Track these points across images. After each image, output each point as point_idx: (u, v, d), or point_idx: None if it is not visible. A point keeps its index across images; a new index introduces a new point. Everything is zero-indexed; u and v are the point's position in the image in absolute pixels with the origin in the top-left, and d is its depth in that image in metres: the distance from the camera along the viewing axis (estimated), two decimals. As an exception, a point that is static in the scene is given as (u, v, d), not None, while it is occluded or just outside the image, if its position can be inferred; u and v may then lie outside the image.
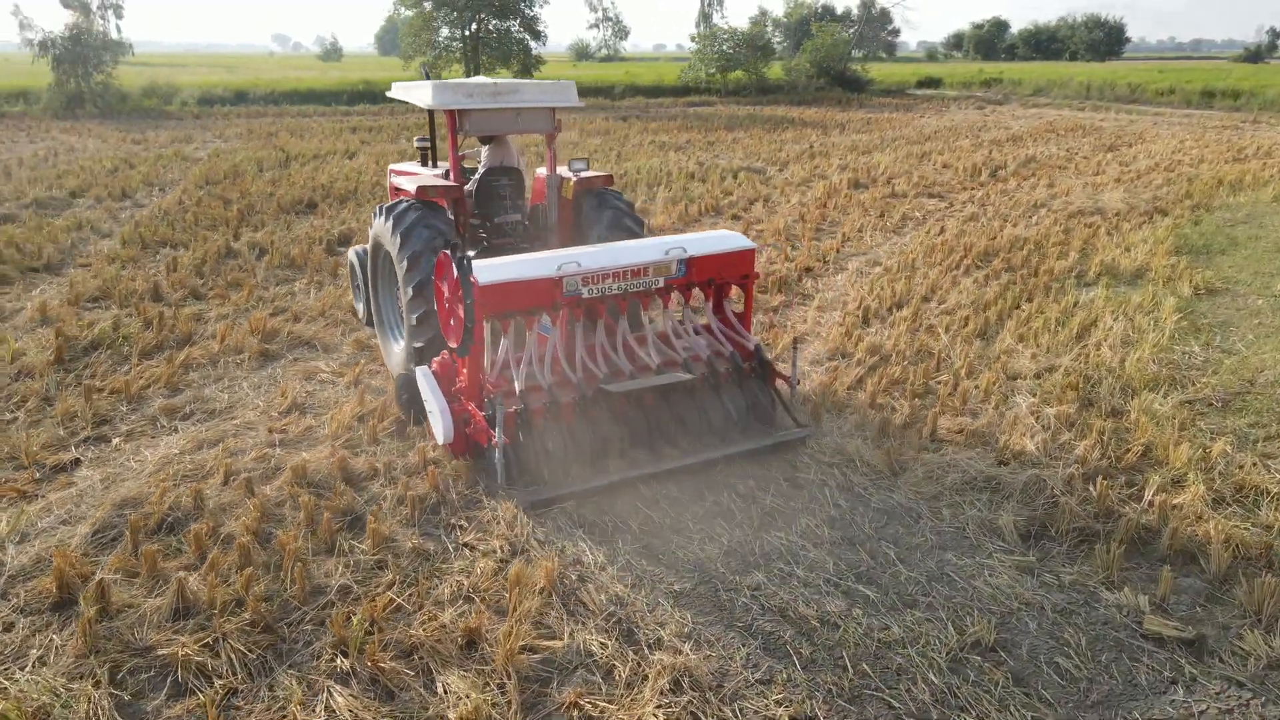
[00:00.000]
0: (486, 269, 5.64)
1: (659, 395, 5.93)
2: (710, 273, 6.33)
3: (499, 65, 41.96)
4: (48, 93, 33.68)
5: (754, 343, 6.42)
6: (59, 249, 11.59)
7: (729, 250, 6.39)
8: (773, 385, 6.36)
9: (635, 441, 5.80)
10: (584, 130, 28.03)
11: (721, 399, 6.06)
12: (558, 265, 5.76)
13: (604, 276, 5.90)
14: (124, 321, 8.62)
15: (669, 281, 6.17)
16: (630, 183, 17.23)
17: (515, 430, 5.57)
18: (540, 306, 5.82)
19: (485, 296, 5.49)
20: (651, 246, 6.26)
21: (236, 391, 7.17)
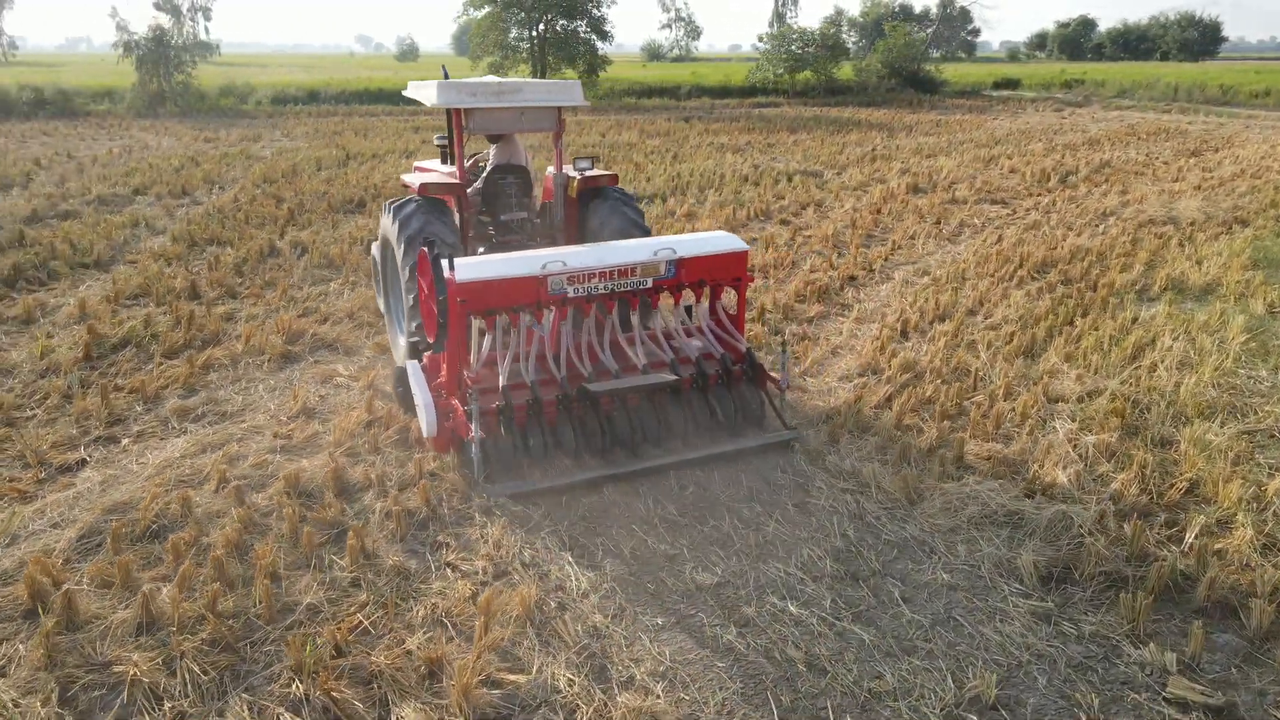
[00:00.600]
0: (468, 267, 5.64)
1: (645, 396, 5.90)
2: (701, 274, 6.25)
3: (565, 65, 42.10)
4: (131, 92, 34.96)
5: (745, 345, 6.39)
6: (110, 246, 11.86)
7: (720, 252, 6.30)
8: (763, 388, 6.32)
9: (618, 441, 5.79)
10: (644, 131, 27.84)
11: (709, 400, 6.05)
12: (542, 264, 5.73)
13: (590, 276, 5.86)
14: (155, 320, 8.72)
15: (658, 282, 6.12)
16: (681, 185, 16.97)
17: (497, 426, 5.61)
18: (524, 305, 5.80)
19: (467, 294, 5.52)
20: (640, 247, 6.20)
21: (251, 394, 7.15)
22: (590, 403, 5.74)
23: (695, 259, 6.18)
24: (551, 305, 5.89)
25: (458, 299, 5.52)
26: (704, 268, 6.24)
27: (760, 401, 6.25)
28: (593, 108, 38.58)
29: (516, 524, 5.24)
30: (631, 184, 17.08)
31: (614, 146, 23.44)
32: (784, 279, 10.61)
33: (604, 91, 43.21)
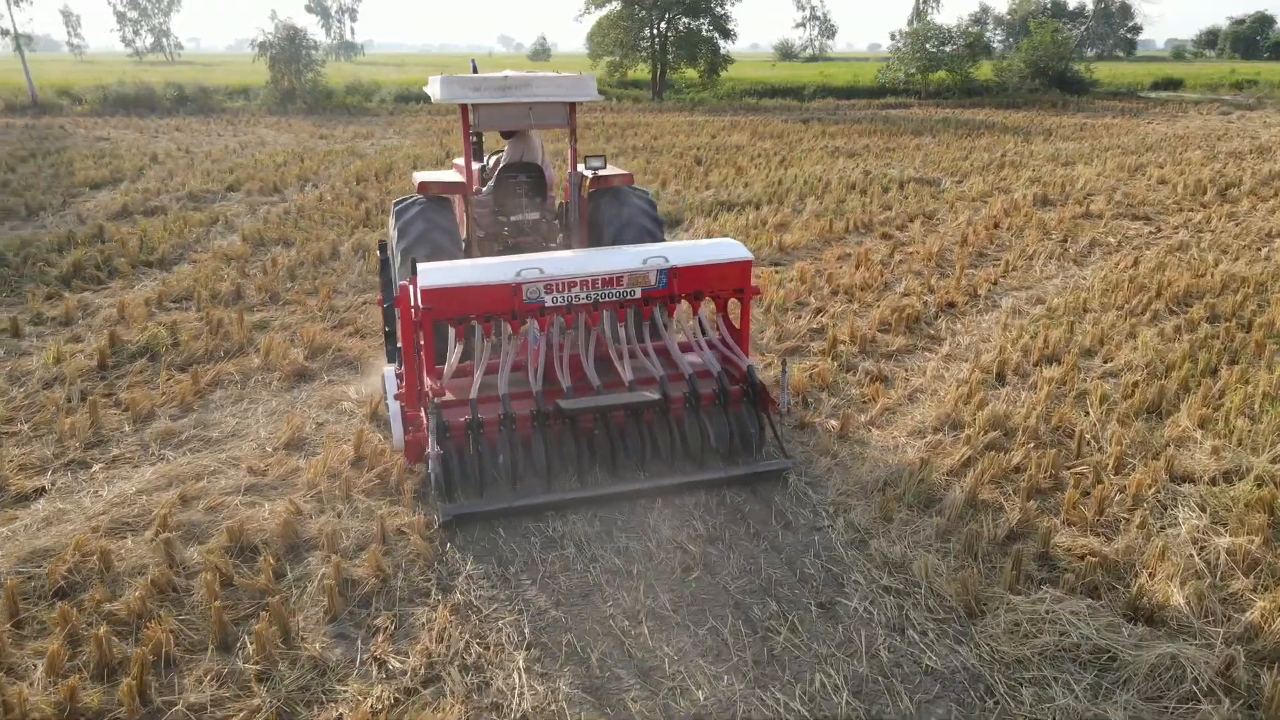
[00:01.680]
0: (435, 272, 5.35)
1: (630, 415, 5.45)
2: (697, 285, 5.74)
3: (685, 64, 41.26)
4: (264, 90, 36.27)
5: (747, 363, 5.82)
6: (180, 244, 11.73)
7: (719, 261, 5.77)
8: (764, 411, 5.74)
9: (597, 462, 5.42)
10: (756, 133, 26.64)
11: (700, 422, 5.51)
12: (517, 271, 5.39)
13: (569, 284, 5.44)
14: (184, 327, 8.32)
15: (648, 293, 5.63)
16: (781, 193, 15.78)
17: (466, 441, 5.20)
18: (497, 314, 5.43)
19: (434, 301, 5.19)
20: (629, 254, 5.76)
21: (247, 417, 6.56)
22: (567, 420, 5.30)
23: (691, 269, 5.65)
24: (527, 315, 5.48)
25: (423, 305, 5.18)
26: (701, 278, 5.72)
27: (759, 425, 5.67)
28: (710, 108, 37.55)
29: (481, 603, 4.38)
30: (728, 190, 16.02)
31: (720, 149, 22.38)
32: (870, 303, 9.37)
33: (724, 92, 42.11)
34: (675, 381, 5.70)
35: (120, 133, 26.20)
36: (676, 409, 5.54)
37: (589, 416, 5.37)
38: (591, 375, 5.57)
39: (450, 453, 5.15)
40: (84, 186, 16.08)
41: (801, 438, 6.24)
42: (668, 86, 42.34)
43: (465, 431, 5.17)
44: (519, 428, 5.26)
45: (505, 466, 5.14)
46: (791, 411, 6.57)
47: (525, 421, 5.29)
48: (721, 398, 5.60)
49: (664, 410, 5.48)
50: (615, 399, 5.40)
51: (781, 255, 11.60)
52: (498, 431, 5.22)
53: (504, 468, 5.14)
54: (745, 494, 5.48)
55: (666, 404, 5.48)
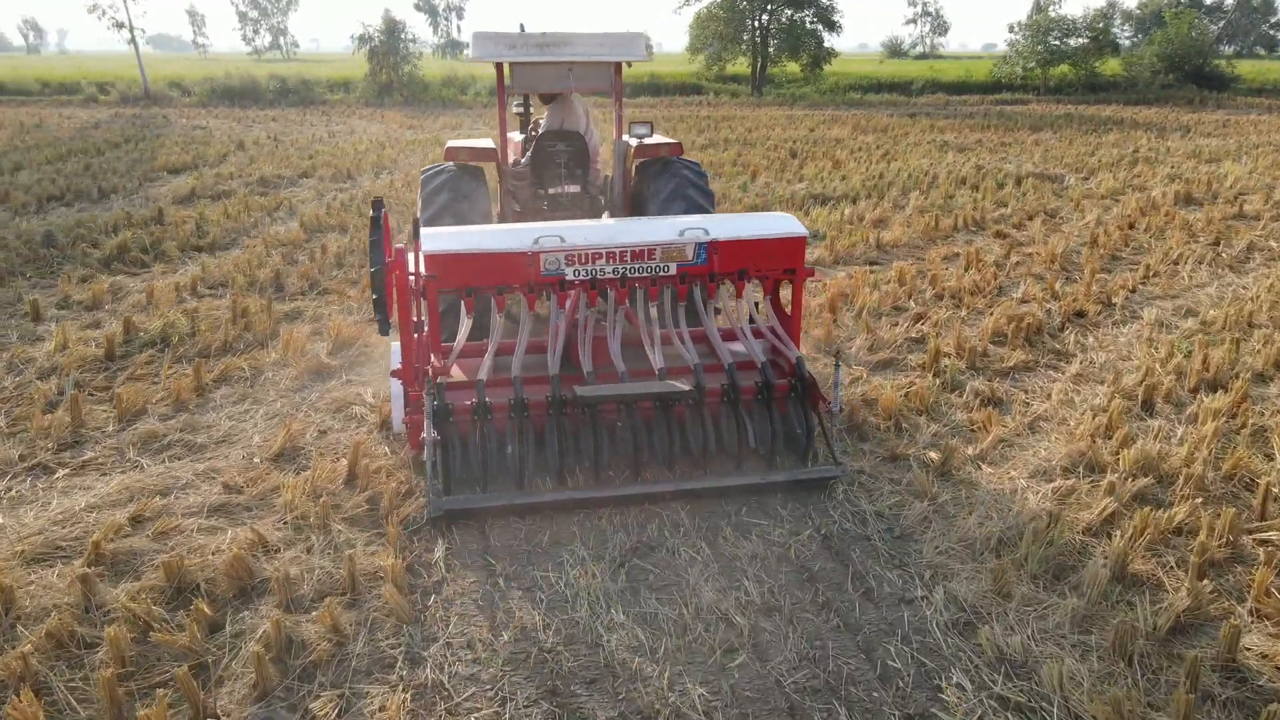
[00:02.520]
0: (441, 236, 4.92)
1: (658, 406, 4.75)
2: (741, 262, 5.13)
3: (787, 57, 39.77)
4: (363, 82, 36.53)
5: (796, 354, 5.07)
6: (236, 229, 11.19)
7: (768, 236, 5.15)
8: (815, 409, 4.97)
9: (618, 458, 4.73)
10: (858, 127, 25.09)
11: (739, 418, 4.81)
12: (534, 238, 4.86)
13: (593, 256, 4.89)
14: (207, 315, 7.62)
15: (684, 270, 5.04)
16: (881, 187, 14.37)
17: (471, 428, 4.58)
18: (511, 285, 4.91)
19: (439, 268, 4.75)
20: (663, 224, 5.24)
21: (245, 420, 5.73)
22: (587, 410, 4.65)
23: (734, 244, 5.06)
24: (545, 289, 4.95)
25: (426, 273, 4.74)
26: (746, 254, 5.11)
27: (808, 426, 4.91)
28: (811, 103, 36.00)
29: (455, 684, 3.36)
30: (822, 184, 14.70)
31: (818, 142, 20.99)
32: (981, 310, 8.00)
33: (827, 87, 40.42)
34: (712, 372, 4.93)
35: (218, 122, 26.52)
36: (712, 403, 4.81)
37: (611, 407, 4.69)
38: (617, 360, 4.86)
39: (453, 439, 4.54)
40: (162, 171, 15.93)
41: (891, 473, 5.02)
42: (767, 81, 40.92)
43: (471, 417, 4.56)
44: (532, 415, 4.61)
45: (513, 458, 4.51)
46: (853, 420, 5.37)
47: (540, 409, 4.62)
48: (765, 392, 4.85)
49: (697, 404, 4.74)
50: (641, 388, 4.69)
51: (879, 254, 10.27)
52: (507, 418, 4.59)
53: (512, 459, 4.51)
54: (816, 546, 4.31)
55: (700, 396, 4.73)
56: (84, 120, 26.21)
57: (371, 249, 4.54)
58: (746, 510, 4.63)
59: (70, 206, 12.68)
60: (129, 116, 28.07)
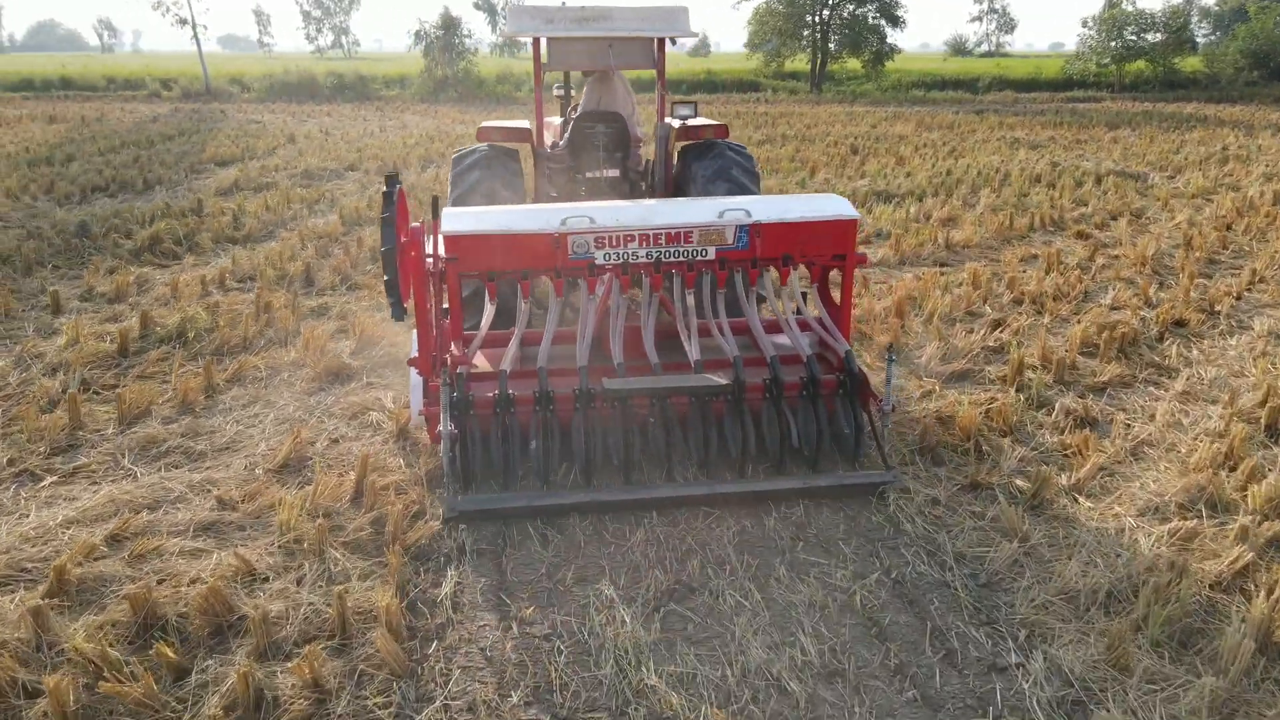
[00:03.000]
0: (461, 216, 4.64)
1: (694, 402, 4.44)
2: (786, 247, 4.77)
3: (848, 53, 38.74)
4: (418, 78, 36.50)
5: (846, 348, 4.72)
6: (274, 221, 10.86)
7: (816, 219, 4.79)
8: (864, 407, 4.64)
9: (649, 457, 4.48)
10: (922, 124, 24.11)
11: (782, 416, 4.44)
12: (562, 219, 4.54)
13: (625, 239, 4.56)
14: (228, 310, 7.20)
15: (724, 254, 4.70)
16: (949, 184, 13.53)
17: (492, 423, 4.29)
18: (536, 269, 4.61)
19: (459, 250, 4.47)
20: (701, 205, 4.88)
21: (253, 425, 5.26)
22: (616, 405, 4.32)
23: (779, 226, 4.69)
24: (573, 273, 4.60)
25: (445, 255, 4.45)
26: (791, 238, 4.74)
27: (857, 426, 4.54)
28: (872, 100, 34.96)
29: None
30: (886, 180, 13.92)
31: (880, 138, 20.13)
32: (1066, 317, 7.22)
33: (889, 84, 39.30)
34: (754, 366, 4.55)
35: (273, 116, 26.57)
36: (753, 399, 4.45)
37: (642, 402, 4.38)
38: (650, 352, 4.58)
39: (473, 434, 4.24)
40: (210, 163, 15.77)
41: (972, 504, 4.34)
42: (827, 78, 39.93)
43: (492, 410, 4.27)
44: (558, 410, 4.32)
45: (537, 455, 4.22)
46: (926, 441, 4.69)
47: (566, 403, 4.32)
48: (811, 388, 4.49)
49: (737, 400, 4.38)
50: (675, 382, 4.39)
51: (949, 255, 9.50)
52: (531, 412, 4.29)
53: (536, 456, 4.22)
54: (886, 594, 3.65)
55: (740, 392, 4.37)
56: (144, 114, 26.46)
57: (383, 227, 4.15)
58: (803, 546, 4.00)
59: (114, 197, 12.50)
60: (188, 111, 28.32)
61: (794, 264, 4.84)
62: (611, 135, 6.52)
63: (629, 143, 6.66)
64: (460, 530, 4.08)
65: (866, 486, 4.34)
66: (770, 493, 4.27)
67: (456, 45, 36.34)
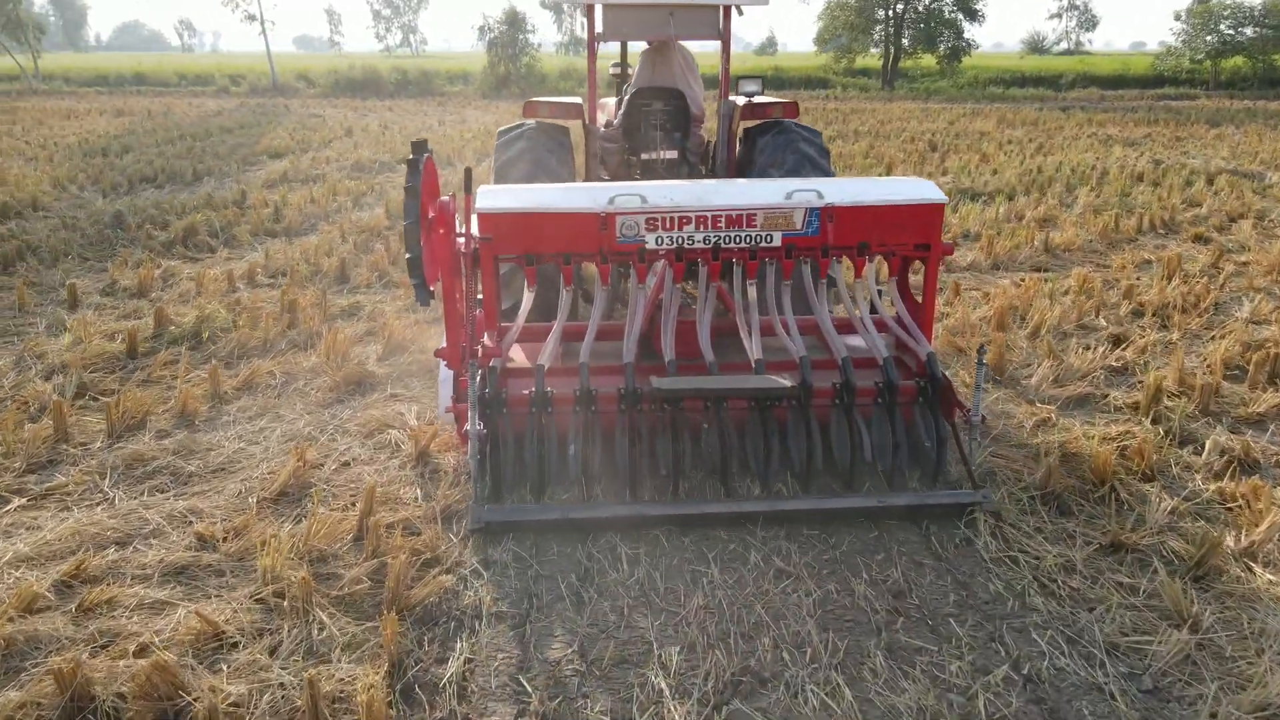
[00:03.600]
0: (499, 193, 4.29)
1: (754, 406, 3.98)
2: (863, 234, 4.28)
3: (922, 48, 37.33)
4: (481, 75, 36.26)
5: (928, 350, 4.18)
6: (318, 213, 10.33)
7: (897, 202, 4.26)
8: (948, 418, 4.06)
9: (703, 466, 4.03)
10: (1004, 120, 22.83)
11: (853, 425, 3.95)
12: (610, 197, 4.13)
13: (680, 221, 4.13)
14: (251, 309, 6.61)
15: (791, 241, 4.21)
16: (1040, 181, 12.44)
17: (527, 423, 3.89)
18: (579, 253, 4.19)
19: (495, 229, 4.07)
20: (766, 186, 4.44)
21: (256, 442, 4.60)
22: (666, 407, 3.92)
23: (854, 210, 4.21)
24: (620, 259, 4.21)
25: (479, 236, 4.04)
26: (868, 224, 4.25)
27: (939, 438, 3.97)
28: (947, 97, 33.55)
29: None
30: (970, 178, 12.88)
31: (960, 135, 18.99)
32: (1198, 332, 6.21)
33: (965, 81, 37.78)
34: (822, 369, 4.09)
35: (335, 111, 26.44)
36: (820, 406, 3.97)
37: (695, 405, 3.95)
38: (706, 349, 4.12)
39: (505, 435, 3.85)
40: (263, 155, 15.44)
41: (1116, 572, 3.45)
42: (899, 75, 38.56)
43: (527, 409, 3.87)
44: (600, 411, 3.88)
45: (576, 460, 3.81)
46: (1049, 486, 3.80)
47: (609, 403, 3.89)
48: (887, 395, 3.99)
49: (802, 406, 3.93)
50: (732, 383, 3.95)
51: (1049, 259, 8.50)
52: (571, 413, 3.87)
53: (574, 462, 3.81)
54: (1018, 698, 2.79)
55: (806, 397, 3.91)
56: (210, 109, 26.55)
57: (407, 199, 3.66)
58: (904, 623, 3.16)
59: (161, 188, 12.15)
60: (253, 106, 28.39)
61: (870, 254, 4.32)
62: (669, 113, 6.01)
63: (688, 121, 6.12)
64: (477, 585, 3.35)
65: (952, 508, 3.79)
66: (840, 511, 3.78)
67: (520, 41, 35.95)
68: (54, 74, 39.70)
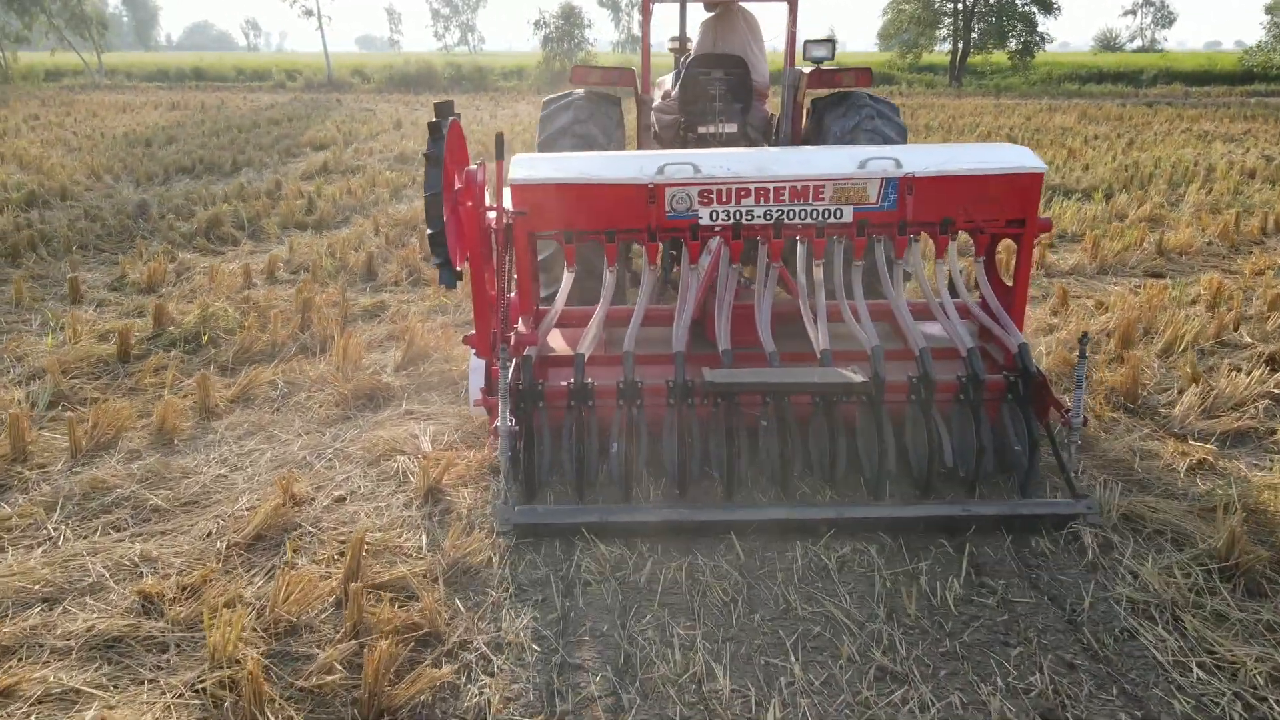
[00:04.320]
0: (535, 162, 3.78)
1: (819, 403, 3.50)
2: (947, 208, 3.69)
3: (993, 43, 35.84)
4: (535, 69, 35.78)
5: (1019, 340, 3.61)
6: (354, 205, 9.69)
7: (988, 171, 3.67)
8: (1041, 417, 3.55)
9: (758, 470, 3.56)
10: (1086, 116, 21.51)
11: (932, 425, 3.43)
12: (659, 165, 3.63)
13: (739, 193, 3.62)
14: (263, 307, 5.93)
15: (864, 215, 3.68)
16: (1139, 178, 11.31)
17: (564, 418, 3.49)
18: (625, 230, 3.71)
19: (530, 202, 3.57)
20: (836, 154, 3.92)
21: (241, 467, 3.88)
22: (720, 402, 3.50)
23: (938, 181, 3.65)
24: (670, 236, 3.78)
25: (513, 209, 3.55)
26: (953, 196, 3.69)
27: (1031, 441, 3.46)
28: (1019, 94, 32.06)
29: None
30: (1059, 173, 11.79)
31: (1040, 130, 17.78)
32: (1374, 354, 5.17)
33: (1039, 77, 36.16)
34: (897, 360, 3.71)
35: (387, 105, 26.08)
36: (895, 402, 3.58)
37: (753, 400, 3.60)
38: (765, 338, 3.71)
39: (537, 431, 3.54)
40: (307, 147, 14.94)
41: (1348, 688, 2.51)
42: (967, 71, 37.08)
43: (565, 402, 3.53)
44: (646, 404, 3.54)
45: (618, 459, 3.48)
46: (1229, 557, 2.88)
47: (657, 396, 3.55)
48: (972, 391, 3.54)
49: (874, 402, 3.52)
50: (795, 376, 3.59)
51: (1165, 263, 7.45)
52: (614, 407, 3.54)
53: (616, 460, 3.49)
54: None
55: (879, 392, 3.50)
56: (264, 103, 26.39)
57: (428, 166, 3.28)
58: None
59: (197, 179, 11.66)
60: (306, 100, 28.20)
61: (954, 231, 3.82)
62: (730, 83, 5.53)
63: (750, 93, 5.64)
64: (484, 680, 2.55)
65: (1050, 519, 3.32)
66: (918, 520, 3.32)
67: (576, 36, 35.39)
68: (117, 69, 40.22)
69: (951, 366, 3.66)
